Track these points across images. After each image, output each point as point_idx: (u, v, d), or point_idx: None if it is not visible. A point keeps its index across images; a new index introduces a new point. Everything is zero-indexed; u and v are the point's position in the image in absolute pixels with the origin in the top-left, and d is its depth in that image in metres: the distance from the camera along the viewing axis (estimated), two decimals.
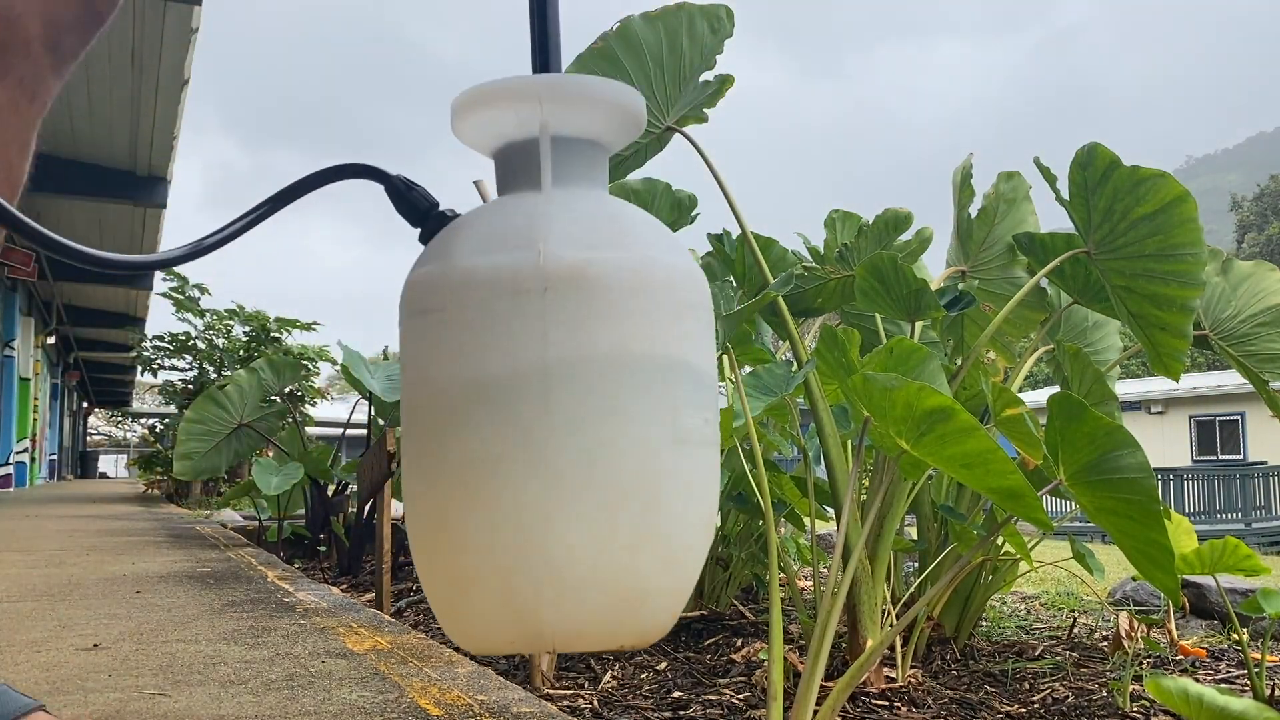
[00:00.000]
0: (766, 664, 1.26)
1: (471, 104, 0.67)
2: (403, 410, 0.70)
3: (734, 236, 1.70)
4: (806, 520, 1.87)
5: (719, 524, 2.02)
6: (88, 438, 29.97)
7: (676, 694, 1.40)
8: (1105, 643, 1.86)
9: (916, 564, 1.87)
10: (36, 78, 0.93)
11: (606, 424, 0.63)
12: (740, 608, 2.01)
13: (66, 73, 0.97)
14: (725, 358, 1.50)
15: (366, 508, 3.04)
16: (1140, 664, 1.67)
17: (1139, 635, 1.63)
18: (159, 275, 8.86)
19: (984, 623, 2.05)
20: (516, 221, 0.65)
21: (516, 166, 0.68)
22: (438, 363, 0.64)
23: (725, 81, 1.60)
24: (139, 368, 11.32)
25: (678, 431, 0.65)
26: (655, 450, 0.64)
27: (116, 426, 36.49)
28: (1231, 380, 20.09)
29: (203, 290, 8.50)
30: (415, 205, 0.73)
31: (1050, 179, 1.58)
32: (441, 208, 0.72)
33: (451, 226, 0.69)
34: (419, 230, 0.72)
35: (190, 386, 8.39)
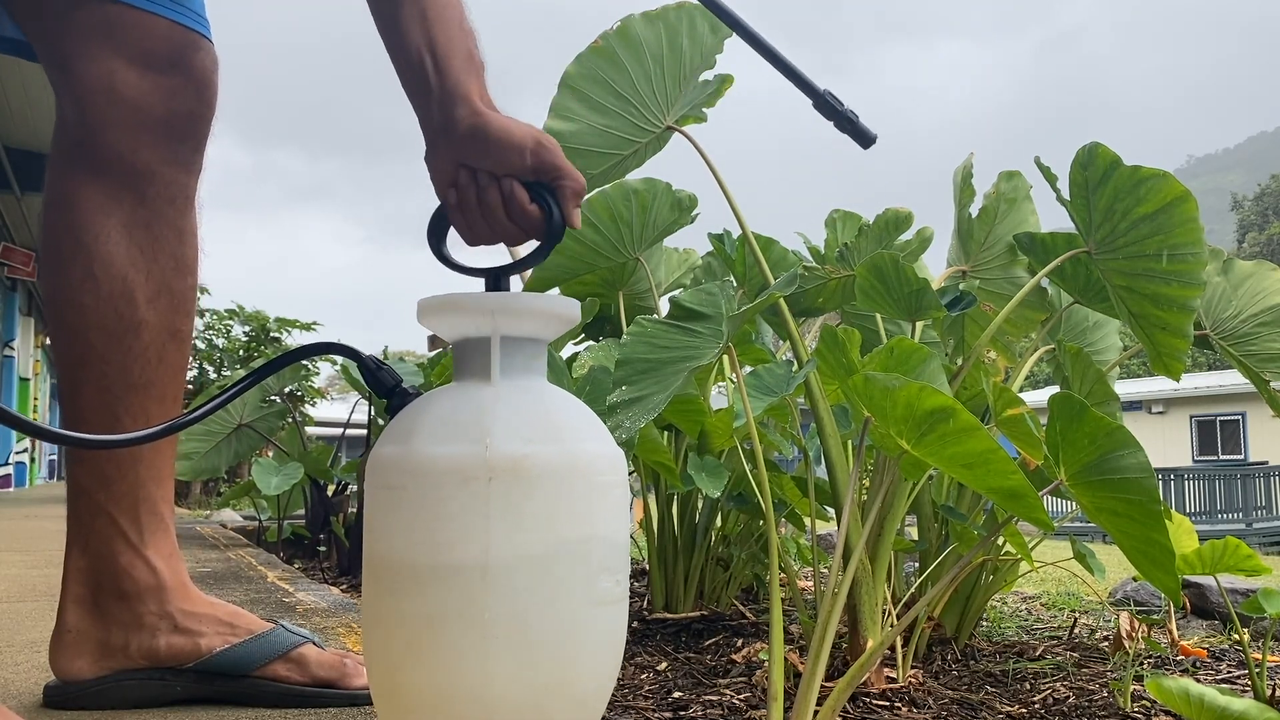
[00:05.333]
0: (767, 664, 1.26)
1: (437, 309, 0.79)
2: (365, 568, 0.78)
3: (734, 236, 1.70)
4: (807, 520, 1.87)
5: (719, 524, 2.02)
6: None
7: (677, 694, 1.40)
8: (1106, 643, 1.86)
9: (917, 564, 1.87)
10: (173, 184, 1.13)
11: (535, 591, 0.72)
12: (740, 608, 2.01)
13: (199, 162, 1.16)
14: (726, 357, 1.50)
15: None
16: (1141, 664, 1.67)
17: (1140, 635, 1.63)
18: None
19: (985, 623, 2.05)
20: (467, 414, 0.75)
21: (472, 357, 0.79)
22: (397, 532, 0.75)
23: (725, 81, 1.60)
24: None
25: (593, 594, 0.75)
26: (575, 612, 0.74)
27: None
28: (1232, 380, 20.09)
29: (202, 290, 8.49)
30: (383, 382, 0.85)
31: (1051, 179, 1.58)
32: (404, 384, 0.83)
33: (414, 408, 0.80)
34: (386, 402, 0.84)
35: (190, 386, 8.39)
